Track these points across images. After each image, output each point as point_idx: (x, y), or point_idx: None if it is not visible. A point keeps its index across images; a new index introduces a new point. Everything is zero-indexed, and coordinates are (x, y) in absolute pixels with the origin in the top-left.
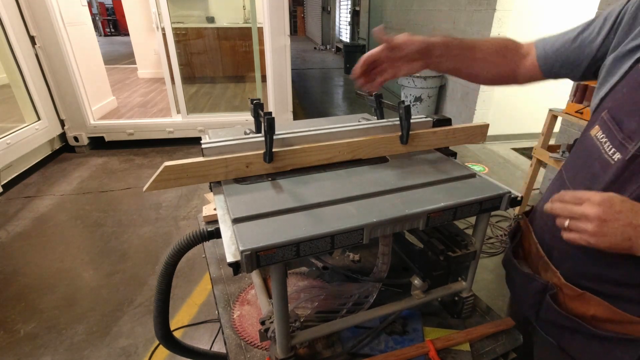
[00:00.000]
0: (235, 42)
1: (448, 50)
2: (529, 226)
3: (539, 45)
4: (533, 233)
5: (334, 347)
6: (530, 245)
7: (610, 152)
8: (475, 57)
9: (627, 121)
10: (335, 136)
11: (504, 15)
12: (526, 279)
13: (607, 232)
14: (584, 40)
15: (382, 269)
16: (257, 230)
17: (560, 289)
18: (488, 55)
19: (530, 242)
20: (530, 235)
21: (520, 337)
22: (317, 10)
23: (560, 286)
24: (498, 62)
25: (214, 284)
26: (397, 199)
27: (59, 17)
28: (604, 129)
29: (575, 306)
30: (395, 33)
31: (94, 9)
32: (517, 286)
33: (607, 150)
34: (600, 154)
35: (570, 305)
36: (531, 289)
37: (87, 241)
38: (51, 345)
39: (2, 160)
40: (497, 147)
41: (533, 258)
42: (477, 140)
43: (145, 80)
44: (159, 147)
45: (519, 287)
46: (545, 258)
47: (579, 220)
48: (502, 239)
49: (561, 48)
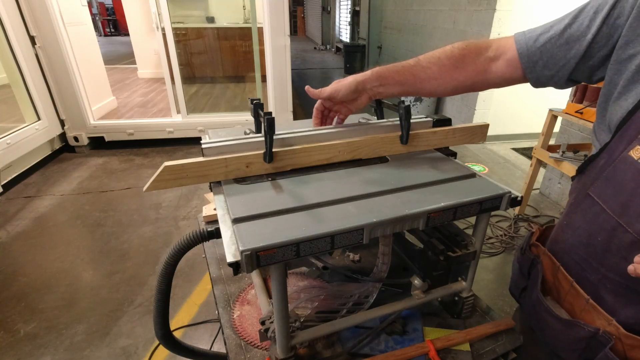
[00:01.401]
0: (235, 42)
1: (384, 80)
2: (554, 260)
3: (520, 40)
4: (564, 270)
5: (334, 347)
6: (558, 281)
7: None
8: (420, 77)
9: None
10: (335, 136)
11: (504, 15)
12: (566, 324)
13: None
14: (571, 35)
15: (382, 269)
16: (257, 230)
17: (618, 338)
18: (437, 73)
19: (557, 277)
20: (559, 271)
21: (521, 337)
22: (317, 10)
23: (619, 336)
24: (454, 76)
25: (214, 284)
26: (397, 199)
27: (59, 17)
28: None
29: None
30: (395, 33)
31: (94, 9)
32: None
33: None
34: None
35: (631, 355)
36: (573, 335)
37: (87, 241)
38: (51, 345)
39: (2, 160)
40: (497, 147)
41: (564, 296)
42: (477, 140)
43: (145, 80)
44: (159, 147)
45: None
46: (591, 301)
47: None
48: (502, 239)
49: (547, 44)
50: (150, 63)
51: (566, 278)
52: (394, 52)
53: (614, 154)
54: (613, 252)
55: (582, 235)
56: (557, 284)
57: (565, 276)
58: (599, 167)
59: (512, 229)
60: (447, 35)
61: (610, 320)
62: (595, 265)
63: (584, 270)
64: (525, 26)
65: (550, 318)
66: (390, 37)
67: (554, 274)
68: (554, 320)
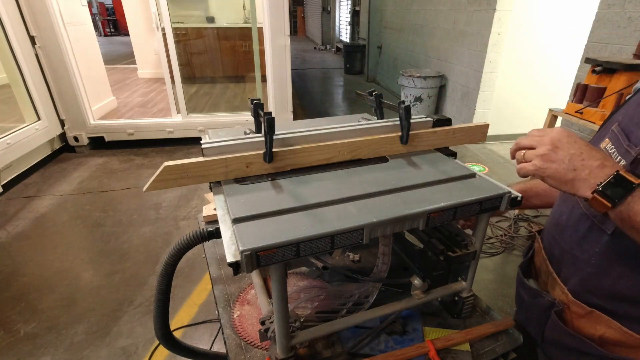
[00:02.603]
0: (235, 42)
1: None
2: (540, 243)
3: None
4: (543, 250)
5: (334, 347)
6: (540, 262)
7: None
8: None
9: (636, 131)
10: (335, 136)
11: (503, 15)
12: (533, 294)
13: (556, 159)
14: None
15: (382, 269)
16: (257, 230)
17: (567, 306)
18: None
19: (540, 258)
20: (541, 252)
21: (521, 337)
22: (317, 10)
23: (568, 303)
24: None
25: (214, 284)
26: (397, 199)
27: (59, 17)
28: (613, 141)
29: (583, 325)
30: (395, 33)
31: (94, 9)
32: (524, 303)
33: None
34: None
35: (577, 324)
36: (538, 305)
37: (87, 241)
38: (51, 345)
39: (2, 160)
40: (497, 147)
41: (542, 275)
42: (477, 140)
43: (145, 80)
44: (159, 147)
45: (527, 304)
46: (553, 274)
47: (535, 149)
48: (502, 239)
49: None
50: (150, 63)
51: (543, 258)
52: (394, 52)
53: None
54: (570, 225)
55: (555, 216)
56: (539, 265)
57: (544, 256)
58: None
59: (512, 229)
60: (447, 35)
61: (563, 288)
62: (558, 240)
63: (553, 247)
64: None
65: (522, 290)
66: (390, 37)
67: (539, 257)
68: (524, 291)
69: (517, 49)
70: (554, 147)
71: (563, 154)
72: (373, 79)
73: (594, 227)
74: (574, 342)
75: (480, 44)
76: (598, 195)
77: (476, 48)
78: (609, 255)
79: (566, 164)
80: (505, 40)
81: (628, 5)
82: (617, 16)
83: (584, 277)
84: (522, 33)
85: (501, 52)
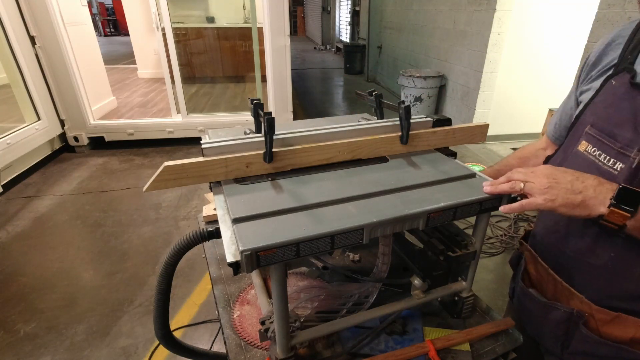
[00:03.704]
0: (235, 42)
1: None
2: (532, 252)
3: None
4: (540, 259)
5: (334, 347)
6: (538, 271)
7: (609, 163)
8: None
9: (620, 132)
10: (335, 136)
11: (503, 15)
12: (545, 308)
13: (560, 188)
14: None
15: (382, 269)
16: (257, 230)
17: (590, 315)
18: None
19: (537, 268)
20: (537, 262)
21: (521, 337)
22: (317, 10)
23: (591, 312)
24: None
25: (214, 284)
26: (397, 199)
27: (59, 17)
28: (594, 143)
29: (611, 331)
30: (395, 33)
31: (94, 9)
32: (533, 317)
33: (605, 162)
34: (599, 167)
35: (605, 331)
36: (552, 319)
37: (87, 241)
38: (51, 345)
39: (2, 160)
40: (497, 147)
41: (545, 285)
42: (477, 140)
43: (145, 80)
44: (159, 147)
45: (537, 317)
46: (563, 283)
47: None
48: (502, 239)
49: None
50: (150, 63)
51: (543, 266)
52: (394, 52)
53: (567, 150)
54: (573, 233)
55: (549, 223)
56: (539, 275)
57: (542, 265)
58: (557, 163)
59: (512, 229)
60: (447, 35)
61: (581, 298)
62: (562, 248)
63: (555, 255)
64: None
65: (531, 304)
66: (390, 37)
67: (535, 266)
68: (534, 305)
69: (517, 49)
70: (551, 179)
71: (563, 182)
72: (373, 79)
73: (602, 232)
74: (608, 350)
75: (480, 43)
76: (615, 208)
77: (476, 48)
78: (626, 257)
79: (570, 189)
80: (505, 40)
81: (628, 5)
82: (617, 16)
83: (603, 283)
84: (522, 33)
85: (501, 52)
